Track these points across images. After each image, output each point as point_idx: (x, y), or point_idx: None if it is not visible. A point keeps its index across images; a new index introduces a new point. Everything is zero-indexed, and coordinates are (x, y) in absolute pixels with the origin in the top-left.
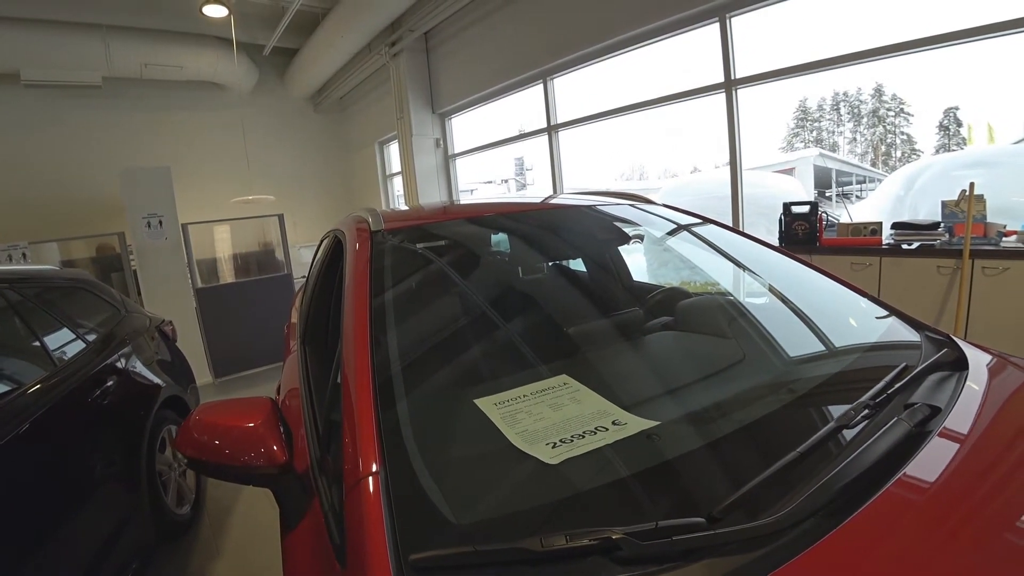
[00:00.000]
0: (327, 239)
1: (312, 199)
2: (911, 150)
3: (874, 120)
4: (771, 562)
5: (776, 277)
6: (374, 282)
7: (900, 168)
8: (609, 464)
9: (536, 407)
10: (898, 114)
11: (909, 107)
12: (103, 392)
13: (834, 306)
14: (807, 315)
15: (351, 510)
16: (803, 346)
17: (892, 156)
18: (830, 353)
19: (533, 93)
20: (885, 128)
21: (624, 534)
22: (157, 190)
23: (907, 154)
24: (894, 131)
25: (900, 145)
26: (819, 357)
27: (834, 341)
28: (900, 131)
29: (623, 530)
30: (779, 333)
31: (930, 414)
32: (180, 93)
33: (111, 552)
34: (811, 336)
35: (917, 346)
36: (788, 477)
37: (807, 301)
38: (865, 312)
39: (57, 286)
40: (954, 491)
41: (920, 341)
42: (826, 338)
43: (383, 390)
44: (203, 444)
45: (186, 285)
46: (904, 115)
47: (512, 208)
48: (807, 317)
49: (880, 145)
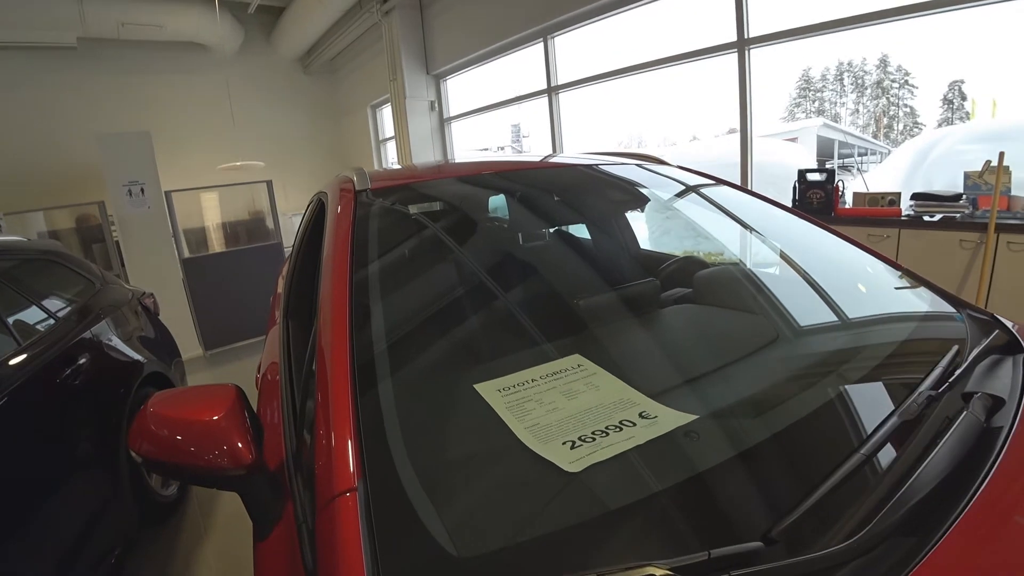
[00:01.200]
0: (313, 202)
1: (303, 165)
2: (914, 123)
3: (878, 91)
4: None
5: (801, 246)
6: (357, 250)
7: (909, 140)
8: (641, 471)
9: (547, 394)
10: (902, 86)
11: (914, 79)
12: (76, 370)
13: (865, 279)
14: (838, 288)
15: (323, 533)
16: (837, 323)
17: (894, 129)
18: (870, 332)
19: (532, 56)
20: (888, 100)
21: (670, 569)
22: (137, 156)
23: (909, 127)
24: (897, 103)
25: (903, 118)
26: (858, 337)
27: (871, 318)
28: (904, 103)
29: (668, 563)
30: (810, 308)
31: (993, 405)
32: (161, 54)
33: (90, 537)
34: (844, 312)
35: (962, 326)
36: (854, 485)
37: (837, 272)
38: (900, 287)
39: (25, 259)
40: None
41: (963, 321)
42: (862, 315)
43: (365, 381)
44: (159, 440)
45: (172, 255)
46: (908, 87)
47: (512, 167)
48: (838, 290)
49: (883, 117)
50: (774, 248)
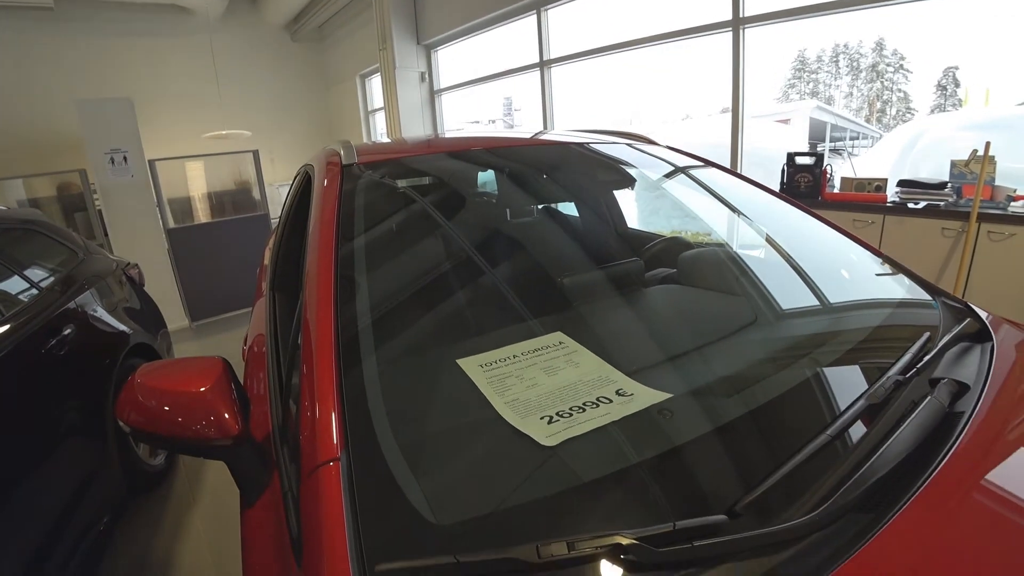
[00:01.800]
0: (299, 175)
1: (291, 135)
2: (907, 108)
3: (872, 75)
4: (811, 566)
5: (786, 230)
6: (342, 224)
7: (900, 126)
8: (615, 446)
9: (528, 370)
10: (897, 70)
11: (909, 63)
12: (61, 340)
13: (848, 265)
14: (819, 273)
15: (307, 501)
16: (817, 307)
17: (887, 113)
18: (846, 317)
19: (524, 28)
20: (883, 84)
21: (636, 539)
22: (119, 123)
23: (902, 112)
24: (891, 87)
25: (896, 102)
26: (834, 321)
27: (849, 304)
28: (897, 88)
29: (634, 534)
30: (790, 291)
31: (959, 391)
32: (142, 17)
33: (78, 506)
34: (824, 296)
35: (935, 313)
36: (818, 464)
37: (819, 258)
38: (879, 273)
39: (5, 228)
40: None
41: (936, 308)
42: (841, 300)
43: (349, 355)
44: (147, 410)
45: (156, 225)
46: (903, 71)
47: (500, 143)
48: (819, 275)
49: (876, 101)
50: (757, 231)
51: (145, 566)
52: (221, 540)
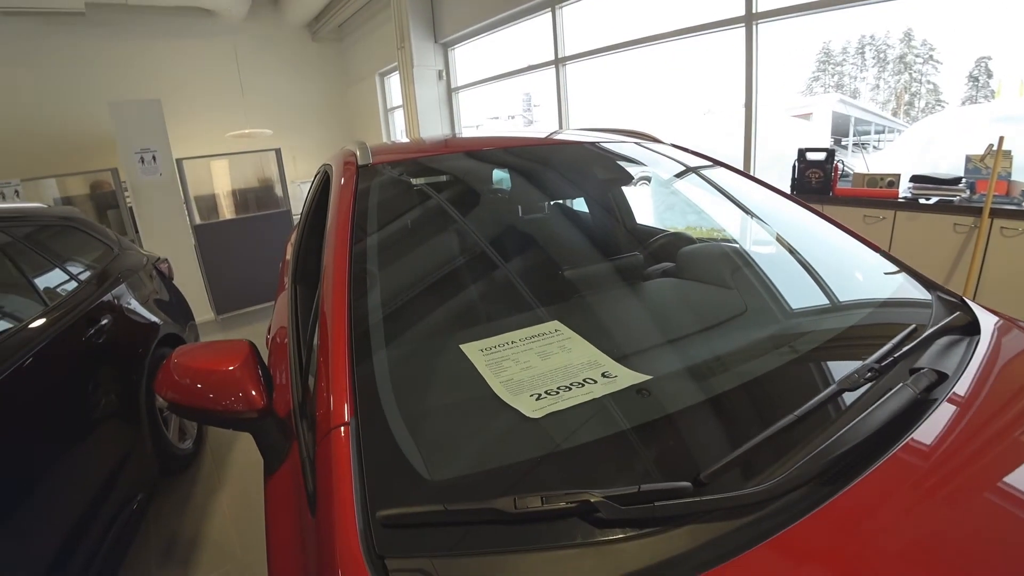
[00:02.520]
0: (319, 174)
1: (312, 133)
2: (936, 100)
3: (900, 66)
4: (759, 531)
5: (784, 226)
6: (358, 220)
7: (923, 118)
8: (595, 420)
9: (524, 354)
10: (926, 61)
11: (938, 54)
12: (98, 331)
13: (844, 260)
14: (815, 268)
15: (322, 460)
16: (808, 300)
17: (915, 106)
18: (836, 310)
19: (541, 25)
20: (911, 75)
21: (603, 497)
22: (148, 124)
23: (931, 104)
24: (920, 79)
25: (925, 95)
26: (824, 313)
27: (842, 297)
28: (927, 79)
29: (602, 493)
30: (784, 285)
31: (937, 380)
32: (168, 19)
33: (116, 483)
34: (817, 290)
35: (928, 307)
36: (784, 442)
37: (816, 253)
38: (876, 268)
39: (47, 224)
40: (958, 462)
41: (931, 302)
42: (833, 293)
43: (362, 334)
44: (182, 387)
45: (184, 222)
46: (933, 62)
47: (509, 143)
48: (814, 270)
49: (904, 93)
50: (756, 227)
51: (174, 541)
52: (244, 518)
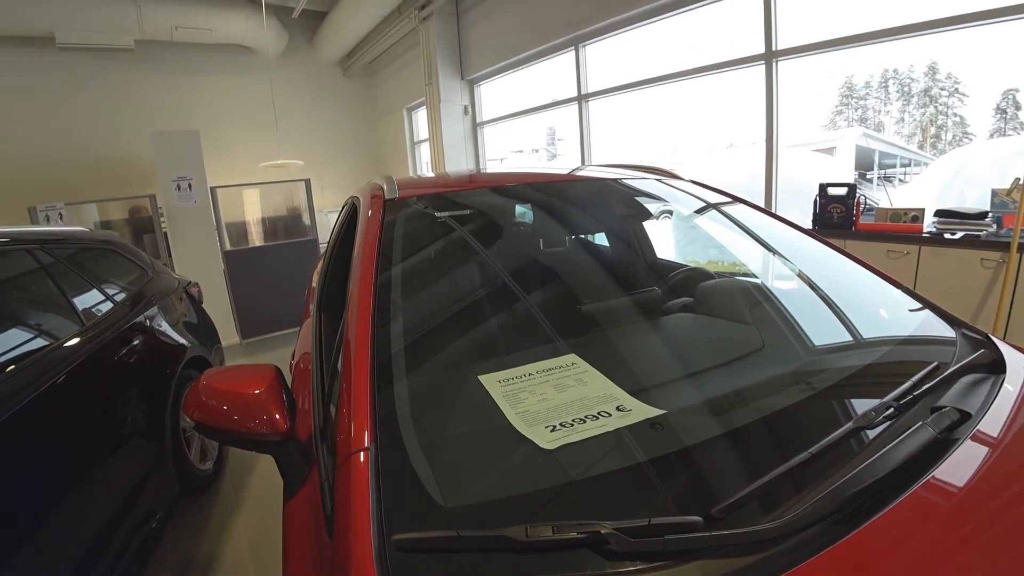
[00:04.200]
0: (346, 205)
1: (341, 164)
2: (963, 133)
3: (925, 99)
4: (769, 569)
5: (803, 261)
6: (383, 252)
7: (949, 152)
8: (608, 452)
9: (540, 387)
10: (952, 94)
11: (964, 87)
12: (130, 350)
13: (864, 296)
14: (835, 304)
15: (341, 484)
16: (828, 337)
17: (942, 139)
18: (856, 346)
19: (564, 63)
20: (936, 108)
21: (613, 529)
22: (186, 153)
23: (958, 137)
24: (946, 112)
25: (951, 127)
26: (844, 350)
27: (862, 334)
28: (953, 112)
29: (613, 525)
30: (803, 321)
31: (959, 420)
32: (210, 56)
33: (138, 499)
34: (837, 327)
35: (952, 344)
36: (798, 479)
37: (836, 289)
38: (898, 304)
39: (87, 247)
40: (976, 504)
41: (955, 339)
42: (854, 330)
43: (384, 362)
44: (209, 408)
45: (215, 247)
46: (959, 95)
47: (530, 179)
48: (835, 306)
49: (930, 127)
50: (775, 262)
51: (190, 562)
52: (260, 542)
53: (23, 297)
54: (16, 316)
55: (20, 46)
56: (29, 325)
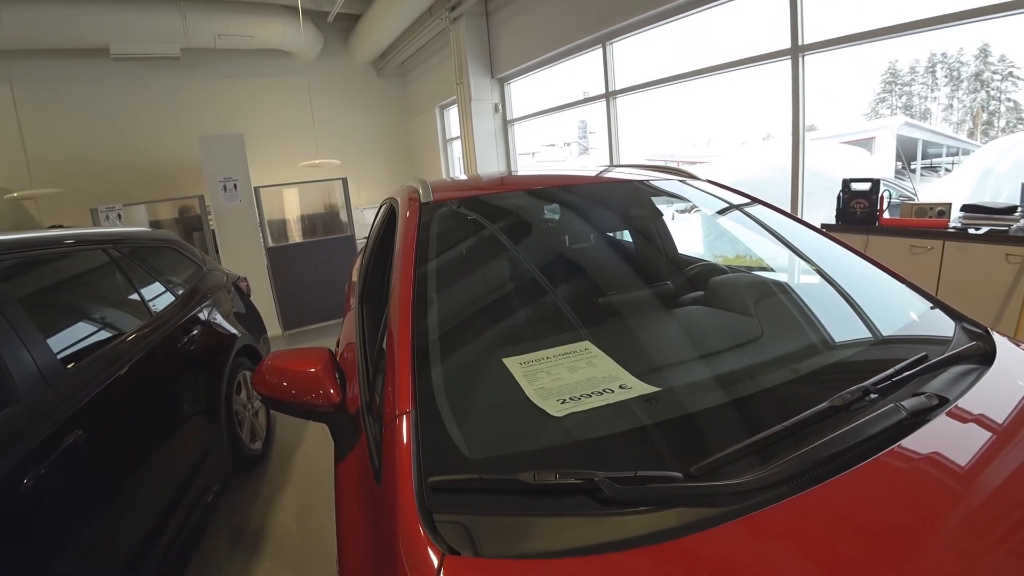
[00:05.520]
0: (384, 206)
1: (375, 162)
2: (1018, 119)
3: (976, 84)
4: (731, 513)
5: (811, 257)
6: (420, 249)
7: (991, 141)
8: (607, 420)
9: (555, 368)
10: (1005, 77)
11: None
12: (189, 340)
13: (867, 290)
14: (837, 298)
15: (387, 441)
16: (827, 328)
17: (994, 125)
18: (853, 338)
19: (592, 60)
20: (988, 93)
21: (606, 478)
22: (231, 155)
23: (1012, 123)
24: (999, 97)
25: (1005, 113)
26: (840, 341)
27: (863, 326)
28: (1006, 97)
29: (605, 474)
30: (805, 313)
31: (937, 405)
32: (250, 61)
33: (198, 474)
34: (838, 319)
35: (948, 338)
36: (770, 448)
37: (840, 283)
38: (900, 298)
39: (148, 245)
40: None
41: (952, 332)
42: (853, 322)
43: (421, 343)
44: (273, 385)
45: (258, 244)
46: (1013, 79)
47: (556, 181)
48: (837, 300)
49: (981, 113)
50: (784, 258)
51: (242, 531)
52: (304, 515)
53: (98, 292)
54: (94, 308)
55: (79, 58)
56: (103, 319)
